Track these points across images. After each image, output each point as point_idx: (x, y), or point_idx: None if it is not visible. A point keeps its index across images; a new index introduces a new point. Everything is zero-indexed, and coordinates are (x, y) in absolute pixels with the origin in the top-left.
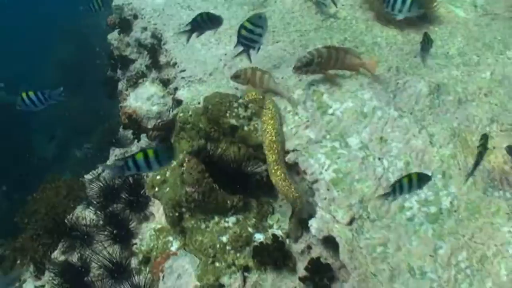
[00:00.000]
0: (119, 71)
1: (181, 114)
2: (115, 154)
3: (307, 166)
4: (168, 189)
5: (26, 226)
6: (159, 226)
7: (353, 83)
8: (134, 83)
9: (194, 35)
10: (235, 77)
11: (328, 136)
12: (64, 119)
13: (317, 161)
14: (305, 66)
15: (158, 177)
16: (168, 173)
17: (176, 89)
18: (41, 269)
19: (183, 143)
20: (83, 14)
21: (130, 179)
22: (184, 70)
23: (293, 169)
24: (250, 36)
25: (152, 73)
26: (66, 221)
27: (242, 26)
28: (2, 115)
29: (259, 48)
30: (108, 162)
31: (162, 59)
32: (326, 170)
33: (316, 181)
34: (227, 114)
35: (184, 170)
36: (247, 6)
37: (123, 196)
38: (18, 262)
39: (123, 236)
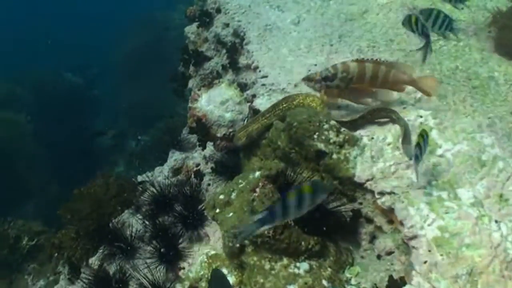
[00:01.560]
0: (191, 68)
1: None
2: (174, 158)
3: (406, 216)
4: (231, 214)
5: (68, 222)
6: (213, 252)
7: (469, 122)
8: (208, 84)
9: None
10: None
11: (434, 182)
12: (126, 110)
13: (418, 212)
14: (324, 81)
15: (222, 196)
16: (233, 194)
17: (254, 96)
18: (76, 273)
19: (255, 161)
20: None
21: (187, 189)
22: (265, 76)
23: (386, 215)
24: None
25: (228, 74)
26: (110, 225)
27: None
28: (68, 97)
29: None
30: (165, 165)
31: (242, 61)
32: (429, 226)
33: (415, 237)
34: (315, 136)
35: (256, 196)
36: (344, 15)
37: (177, 209)
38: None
39: (170, 256)
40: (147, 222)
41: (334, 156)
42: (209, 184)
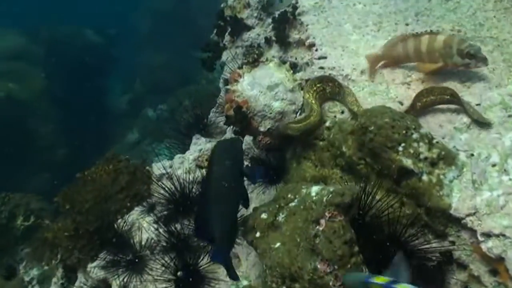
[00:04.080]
0: (227, 37)
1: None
2: (199, 147)
3: None
4: (279, 244)
5: (66, 213)
6: (246, 283)
7: None
8: (253, 61)
9: None
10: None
11: None
12: (145, 74)
13: None
14: None
15: (264, 216)
16: (281, 216)
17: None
18: (71, 279)
19: (307, 167)
20: None
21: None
22: (324, 57)
23: (488, 263)
24: None
25: (273, 50)
26: (116, 225)
27: None
28: (87, 55)
29: None
30: (187, 153)
31: (294, 35)
32: None
33: None
34: (400, 149)
35: (320, 231)
36: None
37: None
38: (46, 257)
39: (188, 282)
40: (161, 228)
41: (425, 177)
42: None
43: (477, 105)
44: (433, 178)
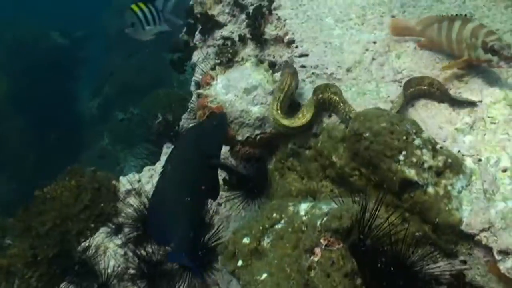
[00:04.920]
0: (197, 36)
1: None
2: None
3: None
4: (265, 276)
5: (23, 235)
6: None
7: None
8: (227, 61)
9: None
10: None
11: None
12: (114, 75)
13: None
14: None
15: (246, 240)
16: (267, 240)
17: None
18: None
19: (292, 179)
20: None
21: None
22: (306, 55)
23: (507, 284)
24: None
25: (249, 48)
26: (78, 250)
27: None
28: (52, 58)
29: None
30: (158, 165)
31: (270, 31)
32: None
33: None
34: (401, 157)
35: (316, 263)
36: None
37: None
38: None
39: None
40: (129, 253)
41: (430, 189)
42: (219, 204)
43: (478, 102)
44: (439, 189)
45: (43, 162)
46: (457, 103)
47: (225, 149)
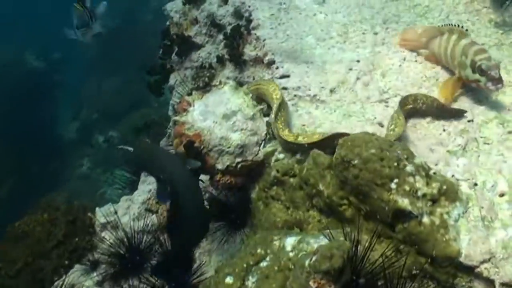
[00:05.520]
0: (174, 57)
1: (281, 156)
2: (148, 187)
3: None
4: None
5: None
6: None
7: None
8: (204, 85)
9: None
10: None
11: None
12: (92, 98)
13: None
14: None
15: (230, 280)
16: (251, 280)
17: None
18: None
19: (277, 210)
20: None
21: (166, 238)
22: (287, 76)
23: None
24: None
25: (228, 70)
26: None
27: None
28: (29, 82)
29: None
30: (135, 194)
31: (249, 51)
32: None
33: None
34: (392, 185)
35: None
36: None
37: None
38: None
39: None
40: None
41: (425, 219)
42: None
43: (469, 121)
44: (435, 219)
45: (21, 191)
46: (447, 114)
47: (204, 178)
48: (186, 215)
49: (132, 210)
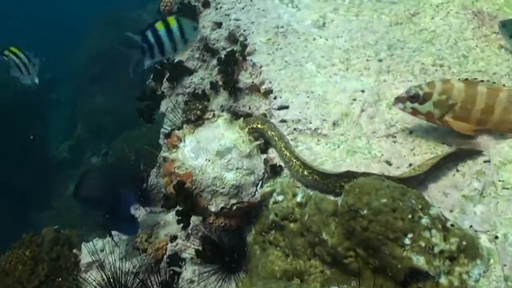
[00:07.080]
0: (165, 84)
1: (280, 198)
2: (137, 217)
3: None
4: None
5: None
6: None
7: None
8: (196, 119)
9: None
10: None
11: None
12: (85, 118)
13: None
14: (411, 101)
15: None
16: None
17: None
18: None
19: (275, 257)
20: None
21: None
22: (285, 107)
23: None
24: None
25: (221, 97)
26: None
27: None
28: (20, 102)
29: None
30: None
31: (245, 78)
32: None
33: None
34: (406, 241)
35: None
36: (387, 16)
37: None
38: None
39: None
40: None
41: (443, 280)
42: (191, 281)
43: (485, 162)
44: (454, 279)
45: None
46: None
47: (197, 220)
48: None
49: (122, 246)
